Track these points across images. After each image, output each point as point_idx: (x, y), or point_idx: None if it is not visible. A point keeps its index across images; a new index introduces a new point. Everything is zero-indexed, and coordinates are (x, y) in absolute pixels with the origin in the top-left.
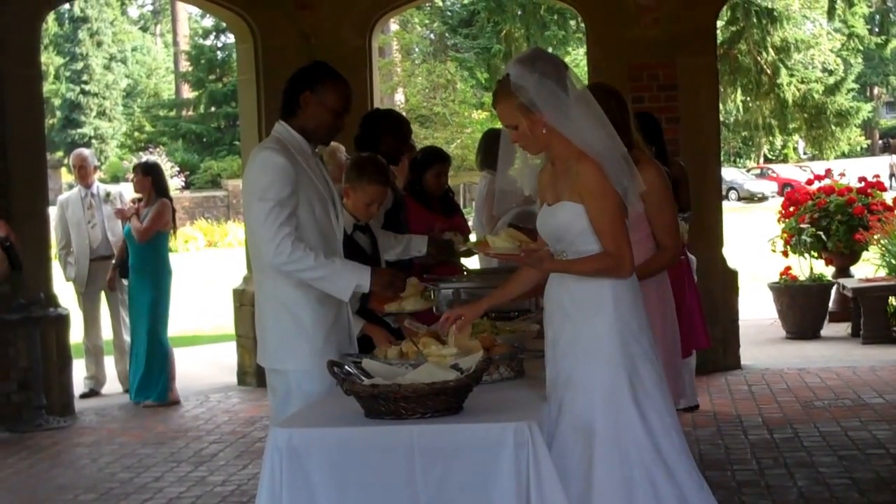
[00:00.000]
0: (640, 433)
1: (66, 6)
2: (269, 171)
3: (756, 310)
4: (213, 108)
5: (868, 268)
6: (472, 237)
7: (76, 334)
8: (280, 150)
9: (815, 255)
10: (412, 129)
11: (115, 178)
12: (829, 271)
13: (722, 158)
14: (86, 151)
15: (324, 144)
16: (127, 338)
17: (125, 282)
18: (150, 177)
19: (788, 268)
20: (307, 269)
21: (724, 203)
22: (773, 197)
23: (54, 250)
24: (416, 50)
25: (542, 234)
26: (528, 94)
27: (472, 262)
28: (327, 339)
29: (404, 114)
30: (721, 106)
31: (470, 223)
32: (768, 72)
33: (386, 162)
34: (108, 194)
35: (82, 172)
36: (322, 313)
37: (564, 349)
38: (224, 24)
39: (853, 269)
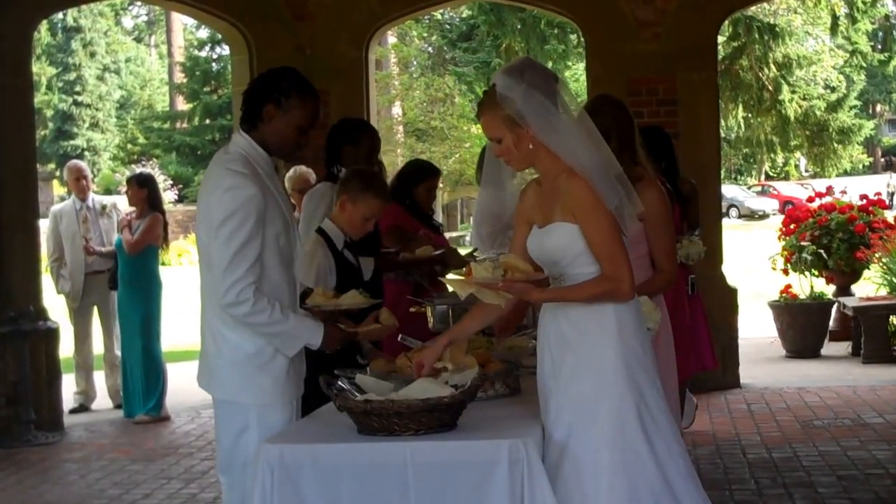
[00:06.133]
0: (649, 463)
1: (59, 16)
2: (239, 202)
3: (756, 328)
4: (207, 121)
5: (869, 286)
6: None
7: (66, 348)
8: (251, 176)
9: (816, 273)
10: (380, 143)
11: (108, 191)
12: (829, 290)
13: (722, 175)
14: (82, 163)
15: (284, 160)
16: (118, 352)
17: (115, 293)
18: (145, 189)
19: (789, 286)
20: (262, 325)
21: (725, 220)
22: (774, 214)
23: (45, 262)
24: (415, 63)
25: (535, 258)
26: (514, 105)
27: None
28: (289, 373)
29: (401, 127)
30: (722, 122)
31: (467, 238)
32: (770, 88)
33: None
34: (104, 207)
35: (80, 184)
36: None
37: (567, 379)
38: (219, 36)
39: (854, 287)
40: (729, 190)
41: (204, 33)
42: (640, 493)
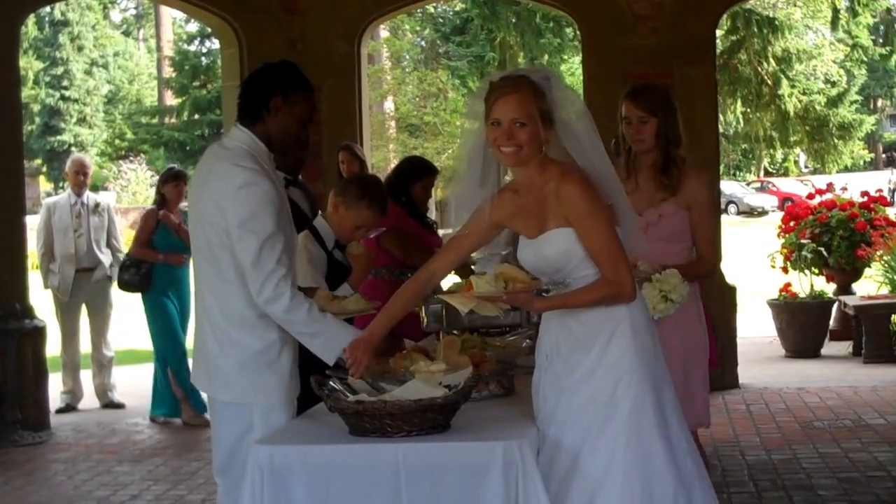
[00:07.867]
0: (665, 463)
1: (47, 9)
2: (257, 198)
3: (755, 327)
4: (196, 116)
5: (870, 285)
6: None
7: (53, 347)
8: (260, 171)
9: (816, 271)
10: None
11: (95, 187)
12: (829, 288)
13: (721, 171)
14: (87, 158)
15: (282, 155)
16: (107, 352)
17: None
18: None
19: (788, 284)
20: (300, 322)
21: (724, 217)
22: (773, 211)
23: (32, 260)
24: (407, 57)
25: (533, 268)
26: (550, 101)
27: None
28: (292, 372)
29: (394, 122)
30: (720, 117)
31: None
32: (769, 83)
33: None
34: (97, 205)
35: (78, 178)
36: (288, 343)
37: (581, 381)
38: (209, 29)
39: (855, 286)
40: (727, 186)
41: (193, 27)
42: (653, 492)
